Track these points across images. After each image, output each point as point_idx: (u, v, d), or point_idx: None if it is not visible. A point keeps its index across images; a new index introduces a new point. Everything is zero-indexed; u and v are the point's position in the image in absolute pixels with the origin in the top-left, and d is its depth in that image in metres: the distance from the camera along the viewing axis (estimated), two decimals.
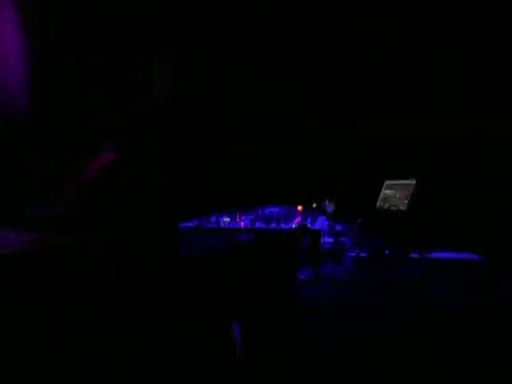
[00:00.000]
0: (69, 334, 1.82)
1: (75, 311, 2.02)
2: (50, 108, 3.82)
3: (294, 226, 3.03)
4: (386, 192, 3.70)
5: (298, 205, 3.52)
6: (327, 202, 3.60)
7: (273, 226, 3.06)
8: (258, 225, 3.08)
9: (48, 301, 2.10)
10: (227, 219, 3.16)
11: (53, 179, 3.65)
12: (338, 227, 3.48)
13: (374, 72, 3.95)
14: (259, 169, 4.12)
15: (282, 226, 3.05)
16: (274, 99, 4.10)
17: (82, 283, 2.32)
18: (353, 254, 3.06)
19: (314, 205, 3.58)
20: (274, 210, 3.46)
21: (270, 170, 4.15)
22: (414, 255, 3.05)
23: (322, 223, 3.22)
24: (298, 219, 3.20)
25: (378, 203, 3.72)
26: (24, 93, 3.74)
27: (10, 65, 3.71)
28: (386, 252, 3.03)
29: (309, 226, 3.02)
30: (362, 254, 3.05)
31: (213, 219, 3.20)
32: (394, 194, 3.59)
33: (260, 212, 3.40)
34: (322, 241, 2.99)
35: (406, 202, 3.43)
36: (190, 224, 3.18)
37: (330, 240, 3.26)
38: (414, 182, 3.51)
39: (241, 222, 3.15)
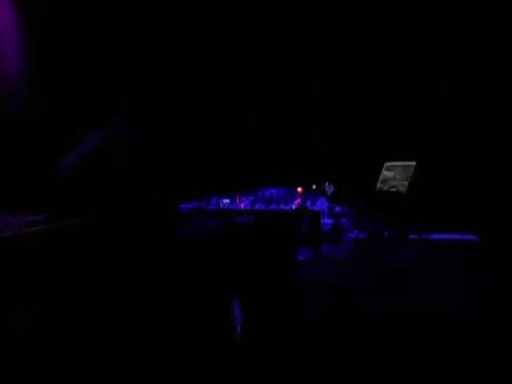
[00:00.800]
0: (68, 319, 1.83)
1: (75, 294, 2.03)
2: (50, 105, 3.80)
3: (293, 208, 3.03)
4: (385, 173, 3.69)
5: (298, 186, 3.51)
6: (327, 183, 3.60)
7: (273, 207, 3.06)
8: (257, 206, 3.08)
9: (49, 284, 2.11)
10: (227, 201, 3.15)
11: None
12: (338, 209, 3.48)
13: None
14: (259, 151, 4.11)
15: (282, 207, 3.04)
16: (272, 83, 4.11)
17: (81, 265, 2.33)
18: (352, 236, 3.07)
19: (314, 186, 3.57)
20: (274, 191, 3.45)
21: (270, 152, 4.13)
22: (414, 236, 3.06)
23: (321, 205, 3.22)
24: (298, 201, 3.20)
25: (377, 185, 3.71)
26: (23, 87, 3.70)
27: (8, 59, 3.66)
28: (386, 233, 3.04)
29: (308, 207, 3.02)
30: (362, 236, 3.06)
31: (213, 201, 3.19)
32: (394, 175, 3.59)
33: (260, 193, 3.39)
34: (321, 222, 2.99)
35: (406, 183, 3.43)
36: (189, 205, 3.17)
37: (330, 221, 3.26)
38: (413, 163, 3.50)
39: (241, 203, 3.15)
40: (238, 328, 1.81)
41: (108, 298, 2.01)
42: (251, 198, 3.21)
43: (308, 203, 3.12)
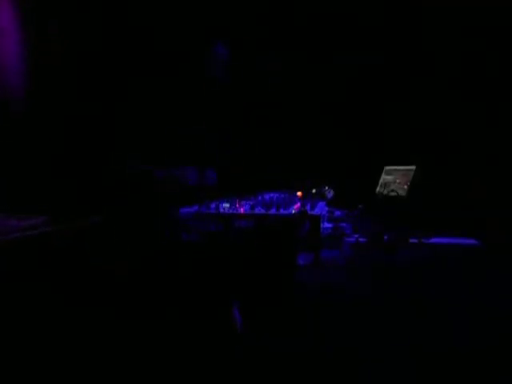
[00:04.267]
0: (67, 325, 1.83)
1: (74, 300, 2.03)
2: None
3: (293, 212, 3.03)
4: (385, 177, 3.70)
5: (298, 191, 3.51)
6: (327, 187, 3.60)
7: (272, 211, 3.06)
8: (257, 210, 3.08)
9: (47, 288, 2.11)
10: (227, 205, 3.16)
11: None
12: (338, 213, 3.48)
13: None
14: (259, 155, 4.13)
15: (282, 211, 3.05)
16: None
17: (80, 270, 2.33)
18: (352, 240, 3.07)
19: (314, 190, 3.57)
20: (274, 195, 3.46)
21: (269, 156, 4.15)
22: (414, 240, 3.05)
23: (321, 209, 3.22)
24: (298, 205, 3.20)
25: (377, 189, 3.72)
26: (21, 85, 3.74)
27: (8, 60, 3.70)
28: (385, 237, 3.04)
29: (308, 211, 3.02)
30: (361, 240, 3.06)
31: (212, 205, 3.20)
32: (394, 179, 3.59)
33: (259, 198, 3.40)
34: (321, 226, 2.99)
35: (406, 187, 3.44)
36: (189, 210, 3.18)
37: (330, 225, 3.26)
38: (413, 167, 3.51)
39: (240, 207, 3.15)
40: (238, 332, 1.81)
41: (107, 301, 2.01)
42: (251, 203, 3.21)
43: (307, 207, 3.12)
